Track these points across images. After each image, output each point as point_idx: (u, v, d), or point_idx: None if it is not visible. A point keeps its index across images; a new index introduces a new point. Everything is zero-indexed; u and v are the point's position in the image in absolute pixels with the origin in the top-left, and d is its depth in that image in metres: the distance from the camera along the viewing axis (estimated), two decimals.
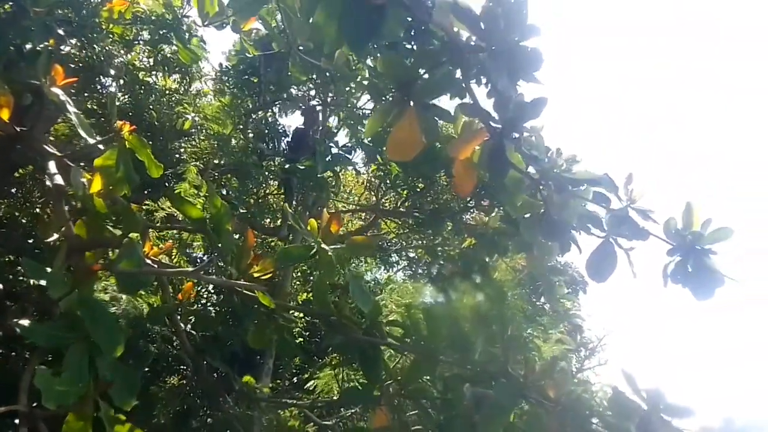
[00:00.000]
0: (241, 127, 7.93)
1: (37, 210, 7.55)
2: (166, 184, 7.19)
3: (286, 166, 7.44)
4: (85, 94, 7.60)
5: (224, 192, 7.64)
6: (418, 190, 8.01)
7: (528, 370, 2.59)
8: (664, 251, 2.65)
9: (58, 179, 2.56)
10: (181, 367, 6.95)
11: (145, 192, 6.44)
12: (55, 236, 2.25)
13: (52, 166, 2.78)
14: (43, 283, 1.87)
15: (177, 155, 7.64)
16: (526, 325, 7.75)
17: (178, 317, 3.01)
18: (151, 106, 7.69)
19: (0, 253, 6.32)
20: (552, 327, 9.01)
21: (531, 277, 9.01)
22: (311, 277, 8.78)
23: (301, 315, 7.26)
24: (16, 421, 1.72)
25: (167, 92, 8.04)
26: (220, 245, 2.42)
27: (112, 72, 7.63)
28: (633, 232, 2.56)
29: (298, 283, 9.21)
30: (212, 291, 7.95)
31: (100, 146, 2.95)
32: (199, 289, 7.32)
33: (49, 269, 2.01)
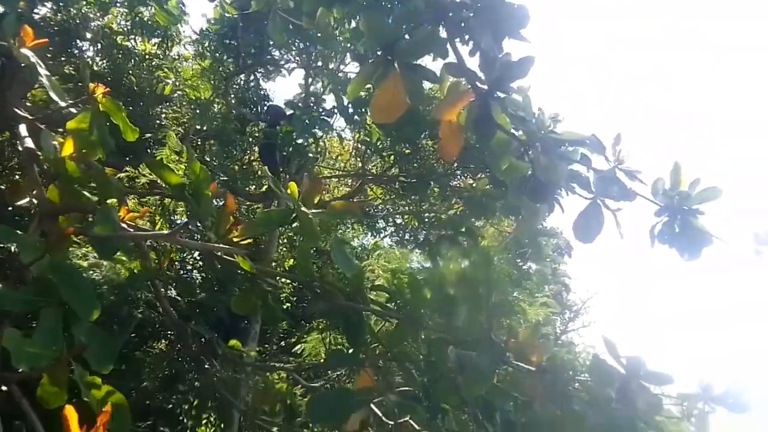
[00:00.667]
0: (222, 91, 7.76)
1: (16, 177, 7.38)
2: (148, 151, 7.05)
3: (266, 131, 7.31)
4: (62, 59, 7.36)
5: (206, 159, 7.51)
6: (404, 155, 7.93)
7: (511, 336, 2.59)
8: (651, 212, 2.64)
9: (29, 142, 2.47)
10: (168, 333, 6.94)
11: (126, 159, 6.31)
12: (26, 200, 2.18)
13: (23, 129, 2.68)
14: (13, 248, 1.81)
15: (158, 121, 7.47)
16: (512, 289, 7.82)
17: (160, 283, 2.95)
18: (130, 71, 7.48)
19: None
20: (537, 291, 9.12)
21: (517, 242, 9.07)
22: (297, 244, 8.75)
23: (288, 281, 7.25)
24: None
25: (146, 57, 7.82)
26: (199, 211, 2.36)
27: (89, 36, 7.39)
28: (620, 193, 2.54)
29: (284, 249, 9.17)
30: (197, 258, 7.89)
31: (73, 110, 2.86)
32: (184, 255, 7.27)
33: (21, 233, 1.95)
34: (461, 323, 2.77)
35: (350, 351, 3.00)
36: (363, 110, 7.12)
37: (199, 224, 2.53)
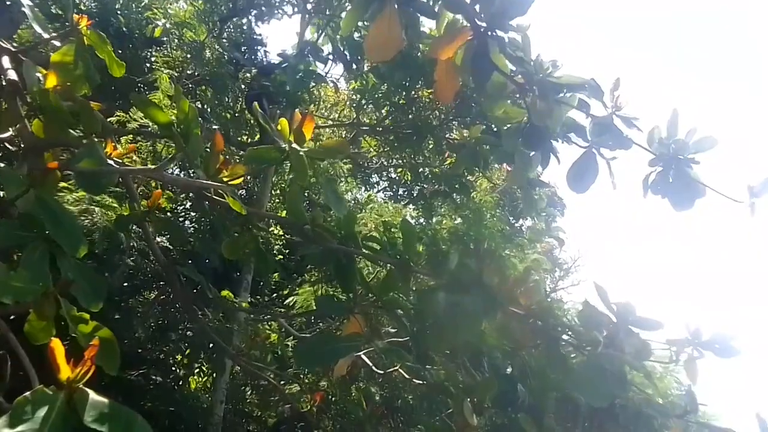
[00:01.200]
0: (216, 34, 7.54)
1: None
2: (138, 95, 6.90)
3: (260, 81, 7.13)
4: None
5: (198, 105, 7.36)
6: (400, 105, 7.81)
7: (501, 280, 2.59)
8: (645, 162, 2.61)
9: (12, 74, 2.39)
10: (160, 282, 6.96)
11: (116, 103, 6.17)
12: (8, 134, 2.12)
13: (5, 61, 2.58)
14: None
15: (148, 64, 7.29)
16: (503, 244, 7.85)
17: (150, 225, 2.92)
18: (118, 12, 7.25)
19: None
20: (529, 247, 9.17)
21: (510, 197, 9.06)
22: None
23: (280, 233, 7.24)
24: None
25: None
26: (187, 149, 2.30)
27: None
28: (616, 141, 2.50)
29: (276, 201, 9.13)
30: (188, 209, 7.83)
31: (57, 43, 2.76)
32: (176, 205, 7.21)
33: (4, 166, 1.90)
34: (452, 270, 2.76)
35: (339, 298, 3.00)
36: (359, 57, 6.96)
37: (188, 165, 2.47)
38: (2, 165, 1.91)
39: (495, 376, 3.09)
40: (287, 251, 7.96)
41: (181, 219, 7.84)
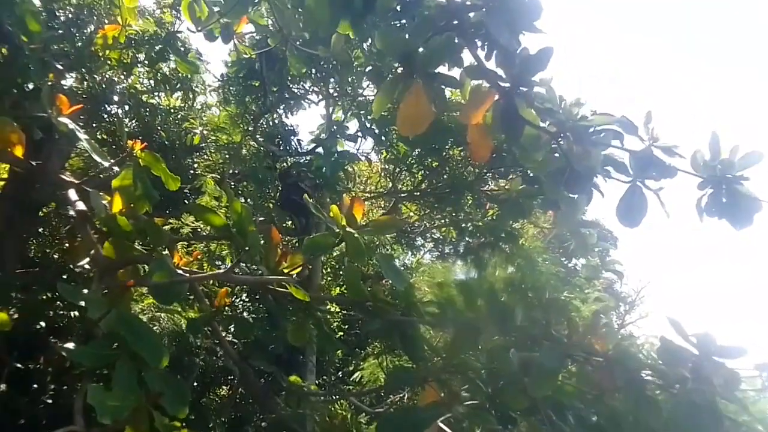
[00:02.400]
0: (250, 133, 7.95)
1: (66, 245, 7.67)
2: (185, 201, 7.25)
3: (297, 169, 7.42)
4: (93, 125, 7.69)
5: (242, 200, 7.68)
6: (433, 168, 7.95)
7: (571, 330, 2.55)
8: (694, 187, 2.58)
9: (80, 205, 2.59)
10: (229, 377, 7.05)
11: (167, 212, 6.50)
12: (86, 260, 2.28)
13: (72, 194, 2.81)
14: (81, 304, 1.88)
15: (191, 171, 7.70)
16: (561, 287, 7.68)
17: (218, 326, 3.02)
18: (159, 127, 7.75)
19: (36, 291, 6.43)
20: (587, 286, 8.93)
21: (560, 239, 8.93)
22: (341, 273, 8.80)
23: (338, 309, 7.31)
24: None
25: (172, 111, 8.10)
26: (246, 247, 2.42)
27: (116, 98, 7.70)
28: (660, 171, 2.49)
29: (329, 279, 9.24)
30: (246, 299, 8.01)
31: (116, 168, 2.99)
32: (234, 299, 7.40)
33: (86, 291, 2.03)
34: (518, 325, 2.74)
35: (410, 368, 2.98)
36: (387, 129, 7.19)
37: (246, 264, 2.59)
38: (84, 291, 2.04)
39: (581, 427, 2.98)
40: (346, 327, 7.99)
41: (239, 311, 8.02)
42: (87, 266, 2.31)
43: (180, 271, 2.27)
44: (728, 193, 2.52)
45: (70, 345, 1.82)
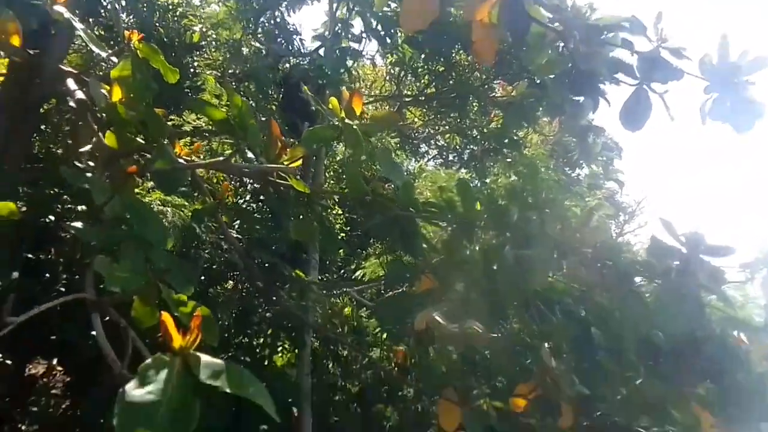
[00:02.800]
0: (251, 31, 7.70)
1: (69, 141, 7.66)
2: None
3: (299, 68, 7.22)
4: (90, 20, 7.44)
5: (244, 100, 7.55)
6: (439, 72, 7.77)
7: (564, 227, 2.61)
8: (698, 91, 2.55)
9: (80, 94, 2.58)
10: (234, 272, 7.29)
11: (168, 109, 6.44)
12: (88, 147, 2.31)
13: (71, 83, 2.79)
14: (86, 186, 1.94)
15: (191, 69, 7.53)
16: (562, 194, 7.75)
17: (222, 216, 3.11)
18: (156, 24, 7.49)
19: (42, 186, 6.51)
20: (588, 195, 9.00)
21: (564, 148, 8.89)
22: (344, 176, 8.85)
23: (339, 212, 7.43)
24: None
25: (171, 7, 7.80)
26: (246, 140, 2.44)
27: None
28: (666, 74, 2.45)
29: (332, 181, 9.30)
30: (250, 199, 8.11)
31: (114, 60, 2.95)
32: (237, 199, 7.50)
33: (90, 175, 2.08)
34: (513, 224, 2.80)
35: (410, 262, 3.09)
36: (393, 31, 6.95)
37: (249, 153, 2.62)
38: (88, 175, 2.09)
39: (569, 320, 3.12)
40: (348, 228, 8.15)
41: (242, 204, 8.14)
42: (89, 156, 2.35)
43: (181, 161, 2.31)
44: (734, 98, 2.49)
45: (78, 224, 1.89)
